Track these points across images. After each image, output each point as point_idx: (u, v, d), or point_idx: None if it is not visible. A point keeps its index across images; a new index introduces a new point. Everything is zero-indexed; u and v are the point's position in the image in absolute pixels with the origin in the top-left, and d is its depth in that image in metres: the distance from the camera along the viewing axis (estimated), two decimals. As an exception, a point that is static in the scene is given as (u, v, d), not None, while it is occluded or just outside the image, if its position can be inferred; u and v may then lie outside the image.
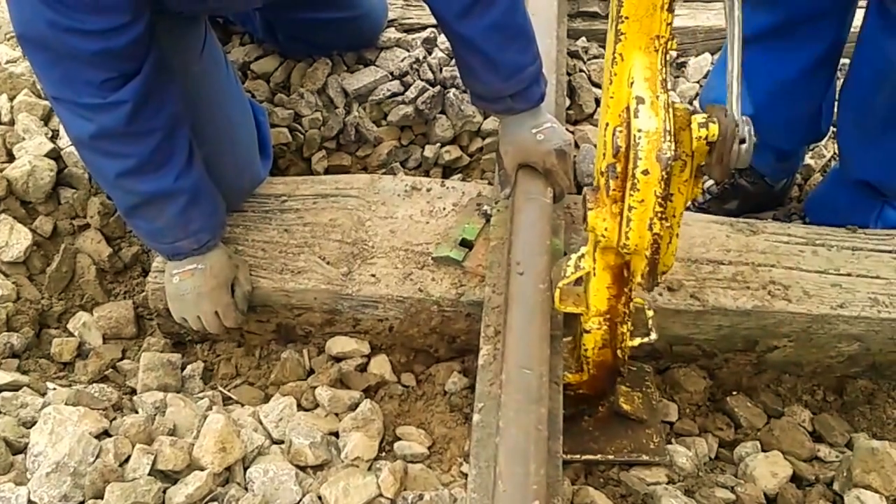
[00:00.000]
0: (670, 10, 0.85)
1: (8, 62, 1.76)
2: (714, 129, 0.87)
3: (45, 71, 1.17)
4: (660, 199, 0.87)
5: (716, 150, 0.87)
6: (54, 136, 1.64)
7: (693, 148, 0.89)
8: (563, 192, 1.41)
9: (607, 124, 0.95)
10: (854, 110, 1.47)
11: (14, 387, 1.25)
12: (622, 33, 0.88)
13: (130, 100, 1.16)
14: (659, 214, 0.88)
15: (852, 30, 1.49)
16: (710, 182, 1.76)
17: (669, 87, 0.88)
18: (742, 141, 0.85)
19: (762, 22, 1.46)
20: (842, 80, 1.53)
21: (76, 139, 1.24)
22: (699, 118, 0.88)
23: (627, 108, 0.88)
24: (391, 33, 1.90)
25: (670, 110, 0.85)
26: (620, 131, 0.89)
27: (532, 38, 1.34)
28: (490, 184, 1.60)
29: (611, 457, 1.24)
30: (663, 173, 0.85)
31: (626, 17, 0.87)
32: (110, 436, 1.13)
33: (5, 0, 1.13)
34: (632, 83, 0.87)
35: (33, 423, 1.14)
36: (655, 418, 1.28)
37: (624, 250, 0.95)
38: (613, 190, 0.93)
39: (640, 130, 0.84)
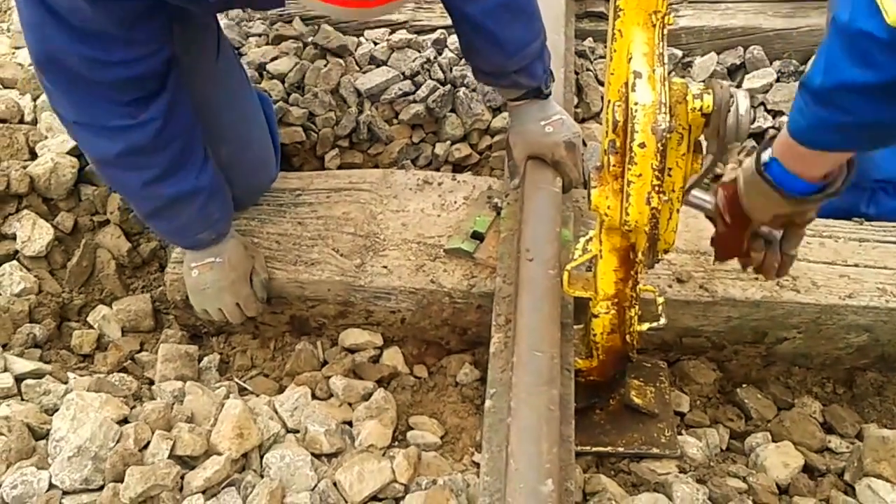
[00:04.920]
0: None
1: (31, 64, 1.80)
2: (708, 100, 0.87)
3: (66, 97, 1.16)
4: (657, 172, 0.87)
5: (711, 122, 0.88)
6: (75, 136, 1.68)
7: (689, 120, 0.89)
8: (571, 183, 1.42)
9: (609, 101, 0.96)
10: None
11: (37, 374, 1.28)
12: (620, 9, 0.90)
13: (160, 116, 1.17)
14: (657, 188, 0.89)
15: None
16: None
17: (666, 61, 0.89)
18: (735, 111, 0.85)
19: None
20: None
21: (100, 159, 1.24)
22: (694, 90, 0.89)
23: (626, 84, 0.89)
24: (402, 34, 1.93)
25: (666, 84, 0.86)
26: (619, 106, 0.90)
27: (535, 14, 1.35)
28: (500, 178, 1.62)
29: (622, 449, 1.24)
30: (659, 145, 0.85)
31: None
32: (130, 423, 1.15)
33: (23, 27, 1.10)
34: (630, 58, 0.89)
35: (55, 410, 1.17)
36: (668, 412, 1.28)
37: (625, 227, 0.96)
38: (614, 166, 0.95)
39: (636, 104, 0.85)
